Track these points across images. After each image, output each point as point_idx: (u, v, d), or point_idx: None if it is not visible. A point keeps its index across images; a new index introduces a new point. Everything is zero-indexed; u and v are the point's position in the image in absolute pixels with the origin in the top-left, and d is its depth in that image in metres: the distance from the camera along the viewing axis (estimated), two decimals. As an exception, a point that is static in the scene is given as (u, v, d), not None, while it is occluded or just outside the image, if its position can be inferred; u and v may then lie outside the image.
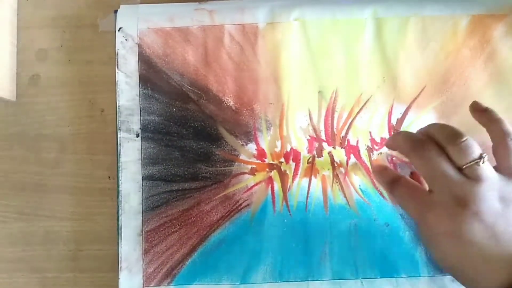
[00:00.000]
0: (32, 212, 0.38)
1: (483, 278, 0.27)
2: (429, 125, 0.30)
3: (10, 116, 0.39)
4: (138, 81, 0.37)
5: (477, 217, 0.25)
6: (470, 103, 0.32)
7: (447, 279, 0.36)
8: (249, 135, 0.37)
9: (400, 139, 0.30)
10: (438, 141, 0.28)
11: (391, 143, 0.33)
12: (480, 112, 0.30)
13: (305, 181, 0.37)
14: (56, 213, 0.38)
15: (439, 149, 0.27)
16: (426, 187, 0.31)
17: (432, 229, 0.27)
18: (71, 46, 0.40)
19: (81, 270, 0.38)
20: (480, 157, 0.26)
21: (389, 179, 0.32)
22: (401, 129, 0.37)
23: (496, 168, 0.27)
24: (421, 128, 0.31)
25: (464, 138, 0.27)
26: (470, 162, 0.26)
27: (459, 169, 0.27)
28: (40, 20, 0.40)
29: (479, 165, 0.26)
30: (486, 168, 0.26)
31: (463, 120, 0.37)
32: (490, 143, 0.31)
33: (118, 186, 0.36)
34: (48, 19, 0.40)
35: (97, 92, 0.39)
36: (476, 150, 0.27)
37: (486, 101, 0.37)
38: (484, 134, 0.32)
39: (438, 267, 0.34)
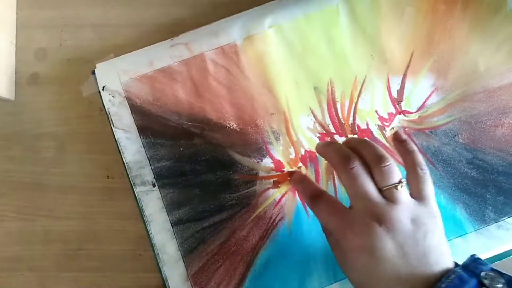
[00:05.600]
0: (31, 212, 0.38)
1: None
2: (360, 141, 0.32)
3: (9, 115, 0.39)
4: (137, 133, 0.37)
5: (390, 235, 0.27)
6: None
7: (493, 227, 0.37)
8: (261, 151, 0.37)
9: (330, 152, 0.32)
10: (366, 159, 0.30)
11: (322, 152, 0.33)
12: (399, 142, 0.32)
13: (329, 178, 0.37)
14: (55, 212, 0.38)
15: (365, 169, 0.29)
16: None
17: (348, 244, 0.29)
18: (70, 45, 0.39)
19: (80, 270, 0.38)
20: (399, 182, 0.29)
21: (311, 193, 0.33)
22: (404, 98, 0.38)
23: (411, 194, 0.30)
24: (352, 141, 0.32)
25: (388, 163, 0.29)
26: (389, 186, 0.29)
27: (380, 190, 0.29)
28: (39, 20, 0.40)
29: (397, 189, 0.28)
30: (403, 192, 0.29)
31: (459, 74, 0.38)
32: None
33: (150, 240, 0.36)
34: (47, 19, 0.40)
35: (96, 92, 0.38)
36: (396, 176, 0.29)
37: (475, 48, 0.38)
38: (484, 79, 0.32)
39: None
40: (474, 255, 0.30)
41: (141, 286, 0.38)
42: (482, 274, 0.27)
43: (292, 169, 0.37)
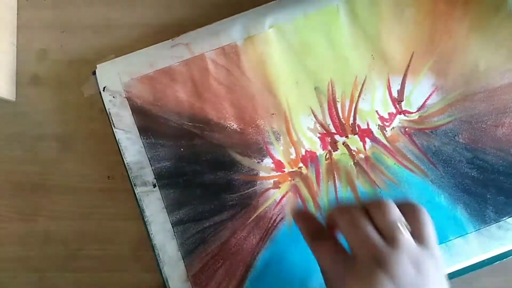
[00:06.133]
0: (32, 212, 0.38)
1: None
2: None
3: (10, 116, 0.39)
4: (138, 134, 0.37)
5: (392, 280, 0.26)
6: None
7: (493, 227, 0.36)
8: (261, 151, 0.37)
9: (335, 208, 0.30)
10: (364, 205, 0.29)
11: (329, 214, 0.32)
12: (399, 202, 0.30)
13: (330, 178, 0.37)
14: (56, 213, 0.38)
15: (364, 213, 0.29)
16: None
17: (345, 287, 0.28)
18: (70, 46, 0.40)
19: (81, 270, 0.38)
20: (400, 222, 0.28)
21: (313, 232, 0.31)
22: (404, 98, 0.38)
23: (411, 234, 0.28)
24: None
25: (387, 203, 0.28)
26: (390, 226, 0.27)
27: (380, 233, 0.28)
28: (39, 21, 0.40)
29: (398, 230, 0.27)
30: (404, 233, 0.27)
31: (459, 73, 0.38)
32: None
33: (151, 240, 0.36)
34: (48, 20, 0.40)
35: (96, 93, 0.38)
36: (397, 216, 0.28)
37: (475, 48, 0.38)
38: (484, 79, 0.32)
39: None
40: None
41: (141, 286, 0.38)
42: None
43: (293, 170, 0.37)
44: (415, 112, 0.38)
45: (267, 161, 0.37)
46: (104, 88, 0.37)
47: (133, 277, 0.38)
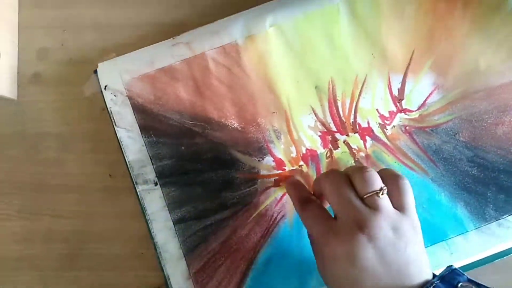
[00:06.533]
0: (34, 211, 0.38)
1: None
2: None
3: (11, 115, 0.39)
4: (139, 132, 0.37)
5: (372, 242, 0.27)
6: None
7: (493, 225, 0.37)
8: (262, 149, 0.37)
9: (321, 175, 0.32)
10: (347, 173, 0.30)
11: (316, 184, 0.34)
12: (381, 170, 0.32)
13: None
14: (57, 211, 0.38)
15: (347, 179, 0.30)
16: None
17: (330, 252, 0.29)
18: (71, 45, 0.40)
19: (82, 269, 0.38)
20: (380, 189, 0.29)
21: (300, 198, 0.33)
22: (405, 97, 0.38)
23: (392, 203, 0.30)
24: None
25: (369, 170, 0.30)
26: (371, 193, 0.29)
27: (361, 199, 0.29)
28: (40, 20, 0.40)
29: (378, 196, 0.29)
30: (384, 200, 0.29)
31: (460, 72, 0.38)
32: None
33: (152, 238, 0.36)
34: (49, 19, 0.40)
35: (98, 92, 0.38)
36: (377, 183, 0.29)
37: (476, 47, 0.38)
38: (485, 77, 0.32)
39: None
40: (451, 266, 0.30)
41: (143, 284, 0.38)
42: (459, 285, 0.28)
43: (294, 168, 0.37)
44: (415, 111, 0.38)
45: (268, 160, 0.37)
46: (105, 86, 0.37)
47: (135, 276, 0.38)
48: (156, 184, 0.37)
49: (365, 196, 0.29)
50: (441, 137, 0.37)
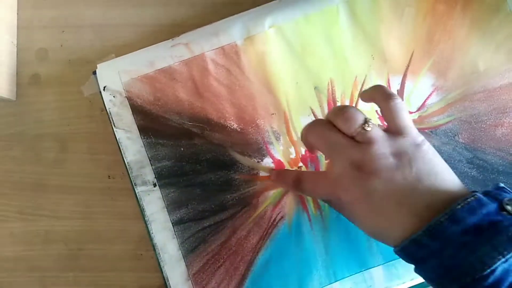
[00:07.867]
0: (33, 212, 0.38)
1: (394, 229, 0.27)
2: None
3: (10, 115, 0.39)
4: (138, 133, 0.37)
5: (376, 176, 0.26)
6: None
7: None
8: (261, 150, 0.37)
9: (304, 128, 0.31)
10: (329, 119, 0.29)
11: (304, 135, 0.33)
12: (364, 92, 0.31)
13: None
14: (57, 212, 0.38)
15: (330, 125, 0.29)
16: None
17: (345, 201, 0.28)
18: (70, 46, 0.40)
19: (81, 270, 0.38)
20: (365, 121, 0.27)
21: (292, 180, 0.33)
22: (404, 98, 0.38)
23: (386, 129, 0.28)
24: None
25: (348, 109, 0.28)
26: (357, 128, 0.27)
27: (351, 138, 0.28)
28: (39, 20, 0.40)
29: (366, 130, 0.27)
30: (374, 130, 0.27)
31: (459, 73, 0.38)
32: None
33: (151, 239, 0.36)
34: (48, 19, 0.40)
35: (97, 92, 0.38)
36: (359, 117, 0.28)
37: (475, 48, 0.38)
38: (484, 79, 0.32)
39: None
40: (499, 183, 0.27)
41: (142, 286, 0.38)
42: (505, 200, 0.25)
43: (293, 169, 0.37)
44: (415, 112, 0.38)
45: (267, 161, 0.37)
46: (104, 87, 0.37)
47: (134, 277, 0.38)
48: (155, 185, 0.37)
49: (353, 135, 0.28)
50: (440, 139, 0.37)
